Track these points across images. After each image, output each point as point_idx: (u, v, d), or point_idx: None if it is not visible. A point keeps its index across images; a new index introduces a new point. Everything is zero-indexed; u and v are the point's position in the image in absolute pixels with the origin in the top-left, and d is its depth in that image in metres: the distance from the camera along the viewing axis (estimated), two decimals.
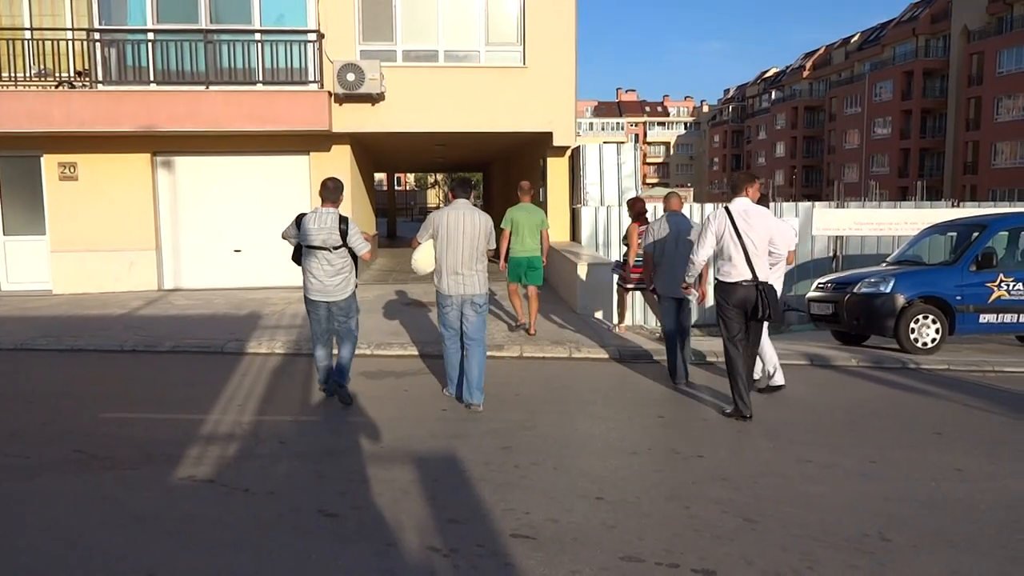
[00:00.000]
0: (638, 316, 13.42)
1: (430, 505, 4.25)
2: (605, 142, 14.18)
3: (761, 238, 6.15)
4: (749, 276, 6.14)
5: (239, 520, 4.03)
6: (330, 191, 6.43)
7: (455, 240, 6.29)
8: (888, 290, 9.52)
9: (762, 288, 6.12)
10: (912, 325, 9.42)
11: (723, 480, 4.70)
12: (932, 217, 12.84)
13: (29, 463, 4.93)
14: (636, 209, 9.66)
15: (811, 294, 10.77)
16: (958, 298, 9.51)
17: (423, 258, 6.48)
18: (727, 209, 6.28)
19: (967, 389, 7.60)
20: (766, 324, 6.63)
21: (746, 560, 3.58)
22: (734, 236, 6.15)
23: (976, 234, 9.94)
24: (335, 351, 6.79)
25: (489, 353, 8.43)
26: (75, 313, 11.16)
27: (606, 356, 8.63)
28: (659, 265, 7.67)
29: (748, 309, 6.19)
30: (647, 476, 4.81)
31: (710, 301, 7.52)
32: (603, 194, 13.64)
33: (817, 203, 13.90)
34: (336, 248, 6.34)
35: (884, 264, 10.93)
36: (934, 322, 9.46)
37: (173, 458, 4.98)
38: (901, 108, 57.57)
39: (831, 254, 13.82)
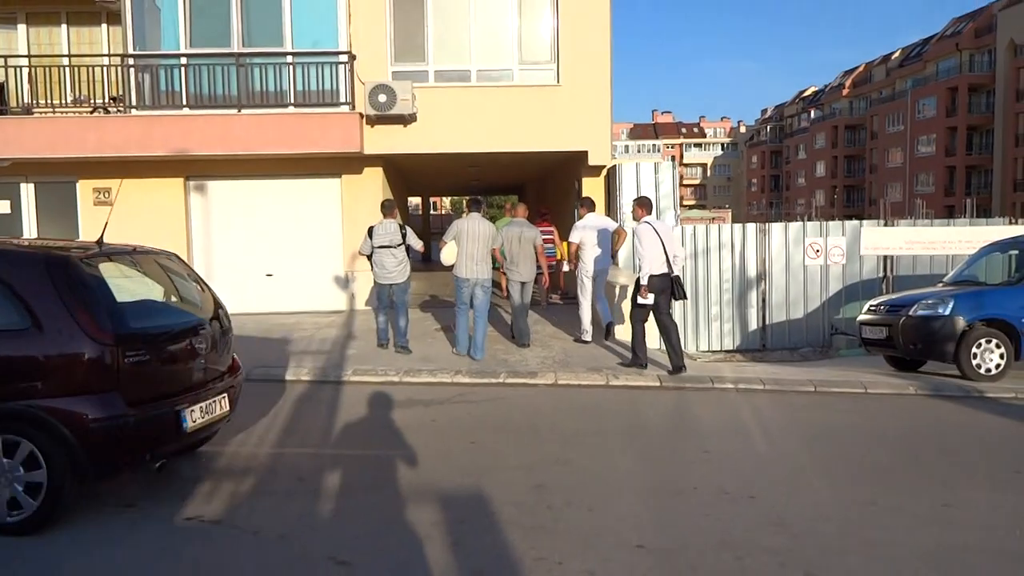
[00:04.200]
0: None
1: (453, 552, 3.87)
2: (641, 162, 13.78)
3: (670, 242, 8.66)
4: (667, 269, 8.50)
5: (243, 568, 3.69)
6: (387, 208, 9.69)
7: (472, 240, 9.04)
8: (947, 312, 8.92)
9: (675, 277, 8.61)
10: (974, 350, 8.80)
11: (778, 526, 4.24)
12: (989, 235, 12.16)
13: None
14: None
15: (863, 317, 10.19)
16: (1023, 320, 8.88)
17: (448, 254, 9.19)
18: (649, 223, 8.64)
19: None
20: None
21: None
22: (659, 241, 8.47)
23: None
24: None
25: (522, 380, 8.13)
26: None
27: (645, 383, 8.18)
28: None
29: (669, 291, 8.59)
30: (693, 520, 4.37)
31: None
32: None
33: (865, 221, 13.30)
34: (398, 246, 9.35)
35: (941, 284, 10.31)
36: (998, 346, 8.83)
37: (183, 494, 4.67)
38: (946, 125, 56.20)
39: (881, 275, 13.19)
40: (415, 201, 39.81)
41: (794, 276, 13.05)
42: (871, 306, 10.14)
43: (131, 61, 12.44)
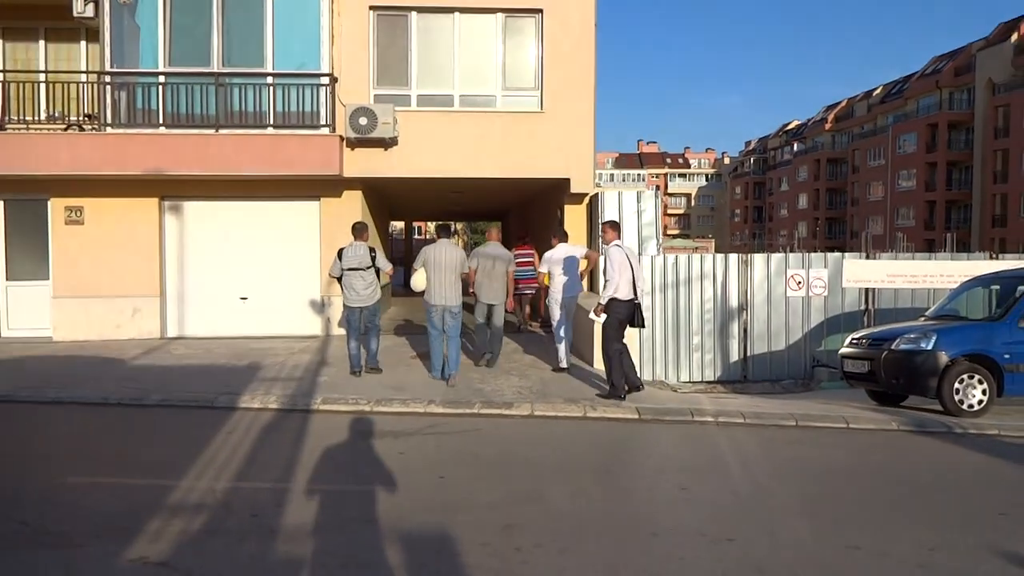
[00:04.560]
0: (658, 370, 12.76)
1: None
2: (624, 190, 13.69)
3: (638, 269, 8.68)
4: (633, 295, 8.49)
5: None
6: (358, 231, 9.65)
7: (439, 267, 9.21)
8: (930, 347, 8.80)
9: (637, 304, 8.55)
10: (956, 385, 8.67)
11: (758, 572, 4.02)
12: (970, 269, 12.13)
13: None
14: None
15: (845, 350, 10.06)
16: (1006, 356, 8.77)
17: (419, 281, 9.40)
18: (620, 246, 8.63)
19: None
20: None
21: None
22: (629, 266, 8.46)
23: None
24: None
25: (497, 411, 7.91)
26: (70, 361, 10.71)
27: (624, 416, 7.96)
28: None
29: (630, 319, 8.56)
30: (669, 565, 4.14)
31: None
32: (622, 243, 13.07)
33: (847, 254, 13.24)
34: (367, 268, 9.40)
35: (923, 319, 10.22)
36: (980, 382, 8.71)
37: (129, 533, 4.39)
38: (926, 160, 56.93)
39: (862, 307, 13.11)
40: (398, 225, 39.67)
41: (776, 308, 12.95)
42: (853, 339, 10.01)
43: (108, 78, 12.25)
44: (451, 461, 6.19)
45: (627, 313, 8.47)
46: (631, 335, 10.34)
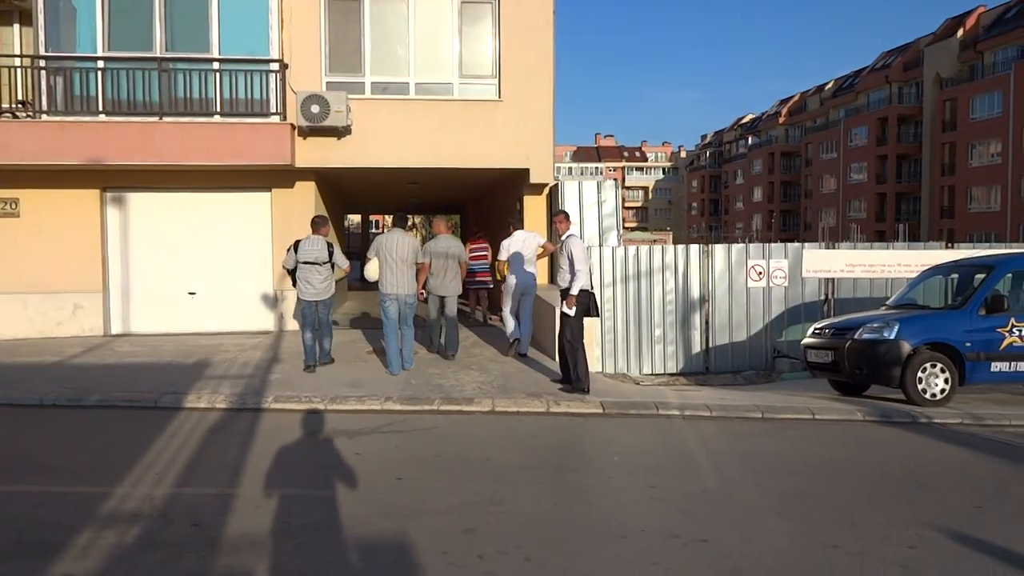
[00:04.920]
0: (620, 363, 12.59)
1: None
2: (584, 180, 13.48)
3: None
4: (590, 285, 8.40)
5: None
6: (317, 224, 9.48)
7: (393, 256, 9.08)
8: (892, 336, 8.74)
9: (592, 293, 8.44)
10: (919, 374, 8.63)
11: (736, 575, 3.81)
12: (928, 259, 12.18)
13: None
14: None
15: (807, 340, 9.99)
16: (967, 344, 8.76)
17: (372, 270, 9.24)
18: (576, 236, 8.57)
19: (992, 448, 6.79)
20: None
21: None
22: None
23: (983, 276, 9.26)
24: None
25: (457, 408, 7.63)
26: (2, 361, 10.12)
27: (588, 411, 7.74)
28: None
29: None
30: (641, 570, 3.90)
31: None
32: (583, 234, 12.87)
33: (807, 244, 13.21)
34: (324, 263, 9.26)
35: (884, 308, 10.20)
36: (943, 371, 8.69)
37: (53, 548, 4.00)
38: (876, 153, 57.97)
39: (822, 297, 13.11)
40: (356, 219, 39.01)
41: (737, 298, 12.86)
42: (816, 329, 9.94)
43: (42, 63, 11.61)
44: (410, 461, 5.89)
45: (587, 303, 8.32)
46: (590, 328, 10.21)
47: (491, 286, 14.14)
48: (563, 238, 8.52)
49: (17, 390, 8.17)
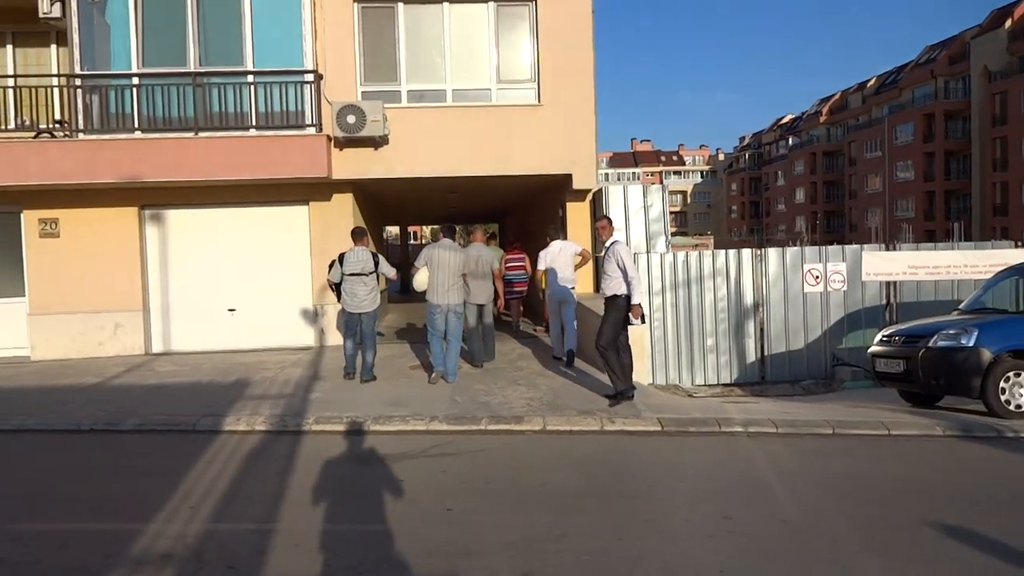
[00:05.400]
0: (671, 374, 12.07)
1: None
2: (630, 184, 13.02)
3: None
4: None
5: None
6: (358, 235, 9.43)
7: (443, 267, 9.08)
8: (971, 343, 8.11)
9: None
10: (1002, 384, 7.98)
11: None
12: (998, 259, 11.44)
13: None
14: None
15: (875, 348, 9.36)
16: None
17: (420, 280, 9.18)
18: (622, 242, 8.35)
19: None
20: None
21: None
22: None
23: None
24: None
25: (506, 427, 7.23)
26: (42, 383, 9.99)
27: (645, 428, 7.27)
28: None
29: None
30: None
31: None
32: (629, 240, 12.41)
33: (866, 246, 12.55)
34: (369, 273, 9.17)
35: (957, 313, 9.53)
36: None
37: None
38: (923, 150, 56.39)
39: (884, 301, 12.44)
40: (393, 231, 38.93)
41: (793, 304, 12.25)
42: (884, 336, 9.31)
43: (78, 82, 11.54)
44: (459, 489, 5.49)
45: (628, 310, 8.04)
46: (640, 338, 9.80)
47: (525, 295, 14.03)
48: (608, 245, 8.19)
49: (54, 415, 7.97)
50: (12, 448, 7.02)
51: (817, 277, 12.29)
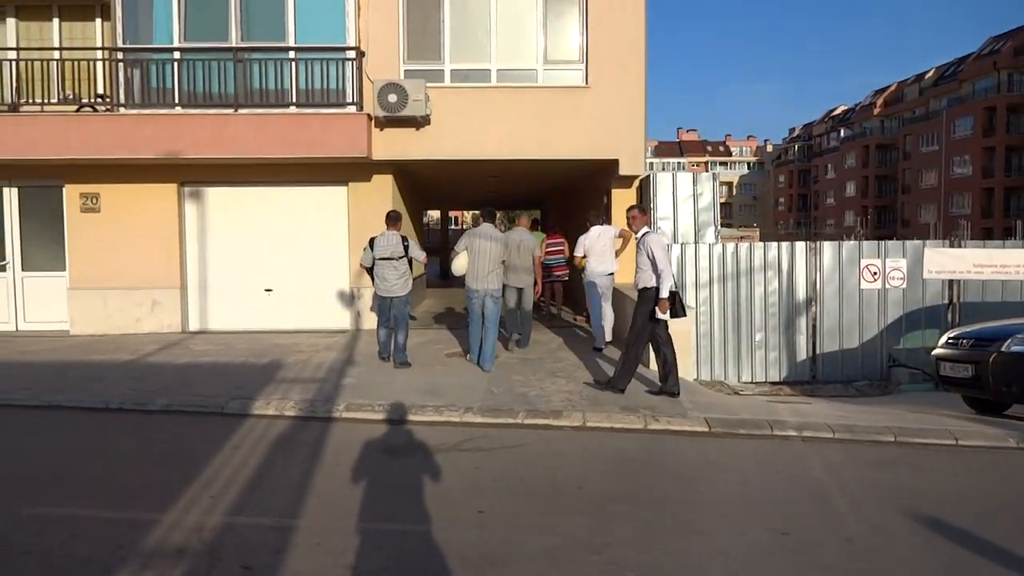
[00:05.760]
0: (716, 370, 11.60)
1: None
2: (679, 172, 12.51)
3: None
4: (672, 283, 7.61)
5: None
6: (392, 219, 9.29)
7: (482, 253, 8.97)
8: None
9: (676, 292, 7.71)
10: None
11: None
12: None
13: None
14: None
15: (940, 351, 8.78)
16: None
17: (459, 265, 9.08)
18: (655, 233, 7.92)
19: None
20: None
21: None
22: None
23: None
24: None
25: (543, 421, 6.88)
26: (78, 359, 9.91)
27: (692, 428, 6.85)
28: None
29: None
30: None
31: None
32: (677, 230, 11.92)
33: (928, 241, 11.89)
34: (399, 258, 9.06)
35: None
36: None
37: None
38: (983, 145, 54.31)
39: (946, 301, 11.78)
40: (434, 215, 38.76)
41: (848, 301, 11.68)
42: (950, 339, 8.73)
43: (120, 56, 11.41)
44: (493, 488, 5.15)
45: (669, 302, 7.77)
46: (685, 332, 9.40)
47: (566, 279, 13.96)
48: (639, 235, 7.89)
49: (85, 392, 7.84)
50: (41, 426, 6.88)
51: (875, 273, 11.69)
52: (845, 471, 5.73)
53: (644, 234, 7.84)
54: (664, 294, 7.49)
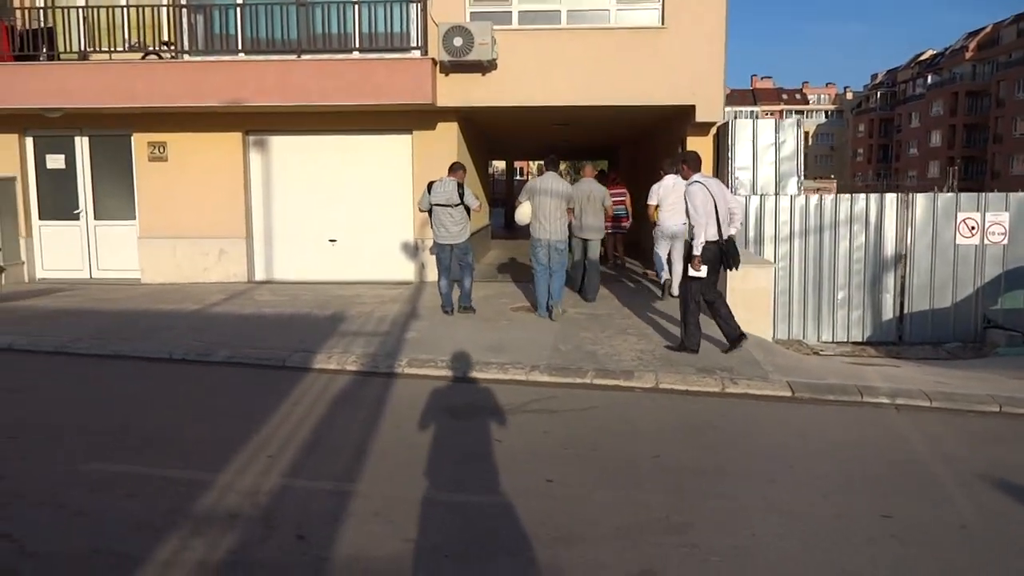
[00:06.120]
0: (795, 329, 11.01)
1: None
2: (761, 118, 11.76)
3: (724, 201, 7.35)
4: (717, 236, 7.27)
5: None
6: (453, 169, 9.24)
7: (546, 201, 8.82)
8: None
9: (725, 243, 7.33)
10: None
11: None
12: None
13: None
14: None
15: None
16: None
17: (524, 213, 8.98)
18: (700, 182, 7.32)
19: None
20: None
21: None
22: (712, 202, 7.23)
23: None
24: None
25: (614, 382, 6.52)
26: (146, 307, 9.96)
27: (773, 393, 6.40)
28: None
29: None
30: None
31: None
32: (756, 180, 11.24)
33: None
34: (455, 205, 8.96)
35: None
36: None
37: (127, 564, 3.26)
38: None
39: None
40: (500, 165, 38.25)
41: (941, 257, 10.89)
42: None
43: (183, 1, 11.21)
44: (562, 455, 4.84)
45: (714, 255, 7.30)
46: (760, 291, 8.96)
47: (627, 229, 14.15)
48: (687, 184, 7.47)
49: (150, 341, 7.82)
50: (106, 376, 6.87)
51: (973, 228, 10.84)
52: (948, 444, 5.21)
53: (690, 183, 7.41)
54: (696, 251, 7.14)
